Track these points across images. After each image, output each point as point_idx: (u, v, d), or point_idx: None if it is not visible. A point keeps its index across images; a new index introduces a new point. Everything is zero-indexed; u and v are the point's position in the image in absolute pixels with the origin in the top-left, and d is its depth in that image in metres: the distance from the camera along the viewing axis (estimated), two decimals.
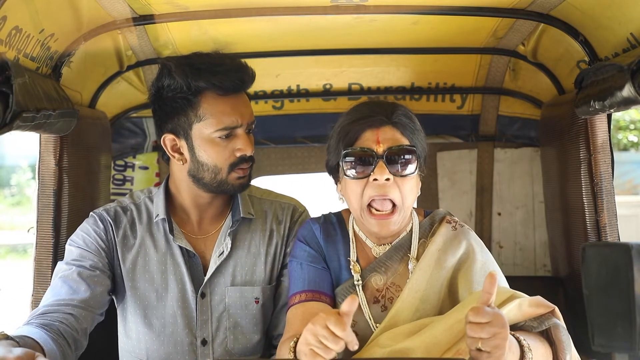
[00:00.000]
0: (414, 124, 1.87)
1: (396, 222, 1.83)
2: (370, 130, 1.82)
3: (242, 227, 2.12)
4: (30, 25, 1.79)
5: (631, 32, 1.90)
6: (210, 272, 2.05)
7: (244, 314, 2.06)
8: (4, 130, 1.67)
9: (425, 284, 1.85)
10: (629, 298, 2.10)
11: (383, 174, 1.77)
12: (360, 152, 1.80)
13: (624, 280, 2.12)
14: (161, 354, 2.03)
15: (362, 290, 1.88)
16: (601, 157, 2.31)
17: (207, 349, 2.04)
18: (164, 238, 2.07)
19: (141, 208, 2.12)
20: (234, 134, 1.97)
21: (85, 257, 2.01)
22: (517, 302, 1.69)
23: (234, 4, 2.16)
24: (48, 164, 2.25)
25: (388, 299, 1.87)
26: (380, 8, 2.20)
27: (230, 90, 1.95)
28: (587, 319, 2.29)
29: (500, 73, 2.87)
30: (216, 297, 2.06)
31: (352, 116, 1.87)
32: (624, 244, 2.16)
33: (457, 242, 1.91)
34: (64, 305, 1.90)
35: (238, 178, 2.00)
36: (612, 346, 2.22)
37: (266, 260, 2.10)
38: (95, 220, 2.07)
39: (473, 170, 3.11)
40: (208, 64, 1.94)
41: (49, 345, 1.71)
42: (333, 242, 1.97)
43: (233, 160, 1.98)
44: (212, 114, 1.94)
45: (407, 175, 1.80)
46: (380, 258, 1.91)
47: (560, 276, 2.74)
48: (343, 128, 1.86)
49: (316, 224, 2.00)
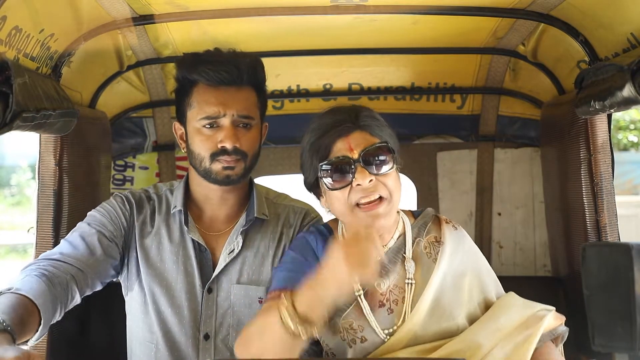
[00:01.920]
0: (379, 122, 1.87)
1: (385, 213, 1.81)
2: (340, 140, 1.81)
3: (254, 227, 2.14)
4: (30, 25, 1.80)
5: (631, 32, 1.90)
6: (219, 268, 2.07)
7: (248, 313, 2.07)
8: (4, 130, 1.67)
9: (445, 291, 1.87)
10: (629, 298, 2.10)
11: (365, 177, 1.77)
12: (337, 161, 1.79)
13: (624, 280, 2.12)
14: (168, 342, 2.05)
15: (365, 298, 1.87)
16: (601, 157, 2.31)
17: (208, 343, 2.05)
18: (179, 230, 2.11)
19: (162, 199, 2.17)
20: (219, 124, 2.01)
21: (106, 226, 2.06)
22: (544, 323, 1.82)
23: (234, 4, 2.16)
24: (48, 164, 2.25)
25: (393, 302, 1.87)
26: (380, 8, 2.20)
27: (218, 82, 2.00)
28: (587, 319, 2.29)
29: (500, 73, 2.87)
30: (222, 294, 2.07)
31: (319, 130, 1.84)
32: (624, 244, 2.16)
33: (461, 244, 1.94)
34: (79, 260, 1.95)
35: (223, 168, 2.02)
36: (612, 346, 2.22)
37: (273, 262, 2.11)
38: (122, 199, 2.13)
39: (473, 170, 3.11)
40: (206, 57, 2.04)
41: (46, 307, 1.73)
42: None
43: (214, 151, 2.01)
44: (198, 102, 2.02)
45: (387, 173, 1.81)
46: (381, 262, 1.87)
47: (561, 276, 2.74)
48: (313, 144, 1.84)
49: (311, 236, 1.97)
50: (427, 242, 1.93)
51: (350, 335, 1.86)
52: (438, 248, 1.92)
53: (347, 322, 1.86)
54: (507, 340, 1.80)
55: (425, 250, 1.92)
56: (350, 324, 1.86)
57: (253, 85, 2.06)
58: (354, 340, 1.86)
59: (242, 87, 2.04)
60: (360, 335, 1.85)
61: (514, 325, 1.83)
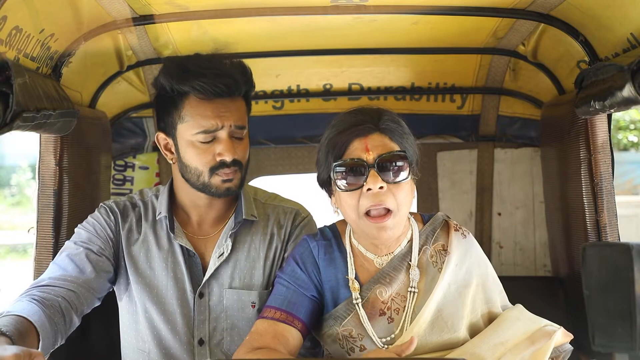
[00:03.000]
0: (402, 128, 1.82)
1: (392, 226, 1.77)
2: (358, 140, 1.77)
3: (244, 229, 2.11)
4: (31, 25, 1.79)
5: (631, 32, 1.90)
6: (209, 273, 2.05)
7: (241, 317, 2.06)
8: (4, 130, 1.67)
9: (448, 302, 1.84)
10: (629, 298, 2.10)
11: (376, 182, 1.72)
12: (351, 163, 1.75)
13: (624, 281, 2.12)
14: (161, 350, 2.04)
15: (363, 306, 1.84)
16: (601, 157, 2.31)
17: (203, 348, 2.04)
18: (167, 236, 2.09)
19: (148, 206, 2.15)
20: (216, 137, 1.96)
21: (93, 242, 2.04)
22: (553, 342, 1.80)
23: (234, 4, 2.16)
24: (48, 164, 2.25)
25: (394, 310, 1.83)
26: (380, 8, 2.19)
27: (213, 95, 1.94)
28: (587, 319, 2.29)
29: (500, 73, 2.87)
30: (214, 298, 2.06)
31: (339, 127, 1.81)
32: (624, 244, 2.16)
33: (469, 255, 1.90)
34: (69, 282, 1.92)
35: (223, 182, 1.99)
36: (612, 346, 2.22)
37: (265, 265, 2.09)
38: (106, 210, 2.11)
39: (473, 170, 3.11)
40: (196, 67, 1.94)
41: (43, 325, 1.71)
42: (331, 260, 1.91)
43: (213, 164, 1.97)
44: (192, 116, 1.95)
45: (400, 182, 1.76)
46: (384, 269, 1.86)
47: (561, 276, 2.74)
48: (330, 140, 1.81)
49: (314, 242, 1.94)
50: (434, 251, 1.89)
51: (349, 343, 1.83)
52: (444, 257, 1.87)
53: (347, 330, 1.84)
54: (511, 354, 1.76)
55: (432, 259, 1.88)
56: (349, 332, 1.84)
57: (243, 94, 2.03)
58: (352, 348, 1.83)
59: (235, 98, 1.99)
60: (359, 344, 1.82)
61: (519, 339, 1.79)
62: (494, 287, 1.92)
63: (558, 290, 2.67)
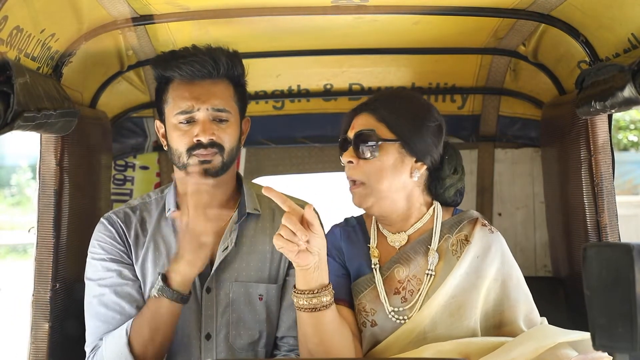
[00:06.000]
0: (397, 110, 1.94)
1: (362, 195, 1.92)
2: (353, 118, 1.98)
3: (249, 224, 2.13)
4: (31, 25, 1.79)
5: (632, 32, 1.90)
6: (215, 266, 2.06)
7: (248, 310, 2.06)
8: (5, 130, 1.67)
9: (463, 290, 1.87)
10: (630, 298, 2.08)
11: (345, 157, 1.94)
12: (340, 138, 2.00)
13: (625, 281, 2.10)
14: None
15: (383, 282, 1.92)
16: (602, 157, 2.31)
17: (210, 343, 2.05)
18: (173, 232, 2.09)
19: (151, 205, 2.16)
20: (194, 119, 2.01)
21: (111, 270, 2.04)
22: None
23: (234, 4, 2.16)
24: (49, 163, 2.25)
25: (409, 291, 1.90)
26: (380, 8, 2.20)
27: (191, 77, 2.01)
28: (587, 320, 2.29)
29: (500, 73, 2.87)
30: (221, 292, 2.07)
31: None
32: (625, 244, 2.14)
33: (494, 249, 1.93)
34: (130, 314, 2.00)
35: (200, 162, 2.01)
36: (613, 347, 2.20)
37: (272, 258, 2.11)
38: (105, 225, 2.10)
39: (473, 170, 3.11)
40: (181, 53, 2.05)
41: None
42: (353, 243, 2.04)
43: (191, 145, 2.01)
44: (173, 98, 2.03)
45: (369, 159, 1.90)
46: (405, 250, 1.95)
47: (561, 276, 2.74)
48: (345, 116, 2.03)
49: (337, 229, 2.10)
50: (456, 239, 1.95)
51: (362, 317, 1.92)
52: (465, 247, 1.92)
53: (361, 304, 1.92)
54: None
55: (452, 247, 1.94)
56: (363, 306, 1.92)
57: (229, 78, 2.07)
58: (364, 323, 1.92)
59: (217, 81, 2.04)
60: (371, 319, 1.89)
61: (527, 358, 1.75)
62: (516, 291, 1.92)
63: (558, 291, 2.67)
